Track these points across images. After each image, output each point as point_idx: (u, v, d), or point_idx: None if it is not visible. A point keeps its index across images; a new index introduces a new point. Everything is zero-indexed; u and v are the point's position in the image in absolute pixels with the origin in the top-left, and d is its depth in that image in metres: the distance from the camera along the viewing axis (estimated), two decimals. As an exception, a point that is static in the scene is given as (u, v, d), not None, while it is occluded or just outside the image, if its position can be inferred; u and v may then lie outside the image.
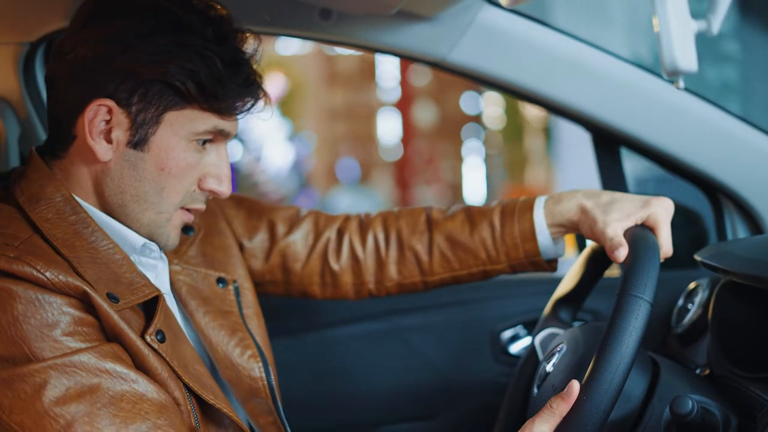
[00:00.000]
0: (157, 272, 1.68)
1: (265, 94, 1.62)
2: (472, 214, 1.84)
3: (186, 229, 1.76)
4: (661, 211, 1.61)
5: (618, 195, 1.68)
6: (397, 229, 1.89)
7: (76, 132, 1.55)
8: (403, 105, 11.31)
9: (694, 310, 1.82)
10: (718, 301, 1.67)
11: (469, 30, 1.93)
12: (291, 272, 1.93)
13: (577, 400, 1.39)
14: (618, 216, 1.62)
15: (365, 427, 2.18)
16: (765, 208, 2.11)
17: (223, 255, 1.84)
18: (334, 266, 1.91)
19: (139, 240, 1.60)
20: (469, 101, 11.19)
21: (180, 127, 1.54)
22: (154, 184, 1.56)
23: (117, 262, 1.55)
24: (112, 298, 1.49)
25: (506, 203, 1.80)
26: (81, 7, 1.57)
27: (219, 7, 1.58)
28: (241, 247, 1.92)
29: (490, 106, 11.07)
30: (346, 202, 10.05)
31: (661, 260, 1.55)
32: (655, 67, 1.90)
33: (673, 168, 2.06)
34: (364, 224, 1.93)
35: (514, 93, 2.00)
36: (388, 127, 11.43)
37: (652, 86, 1.99)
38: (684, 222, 2.14)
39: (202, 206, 1.62)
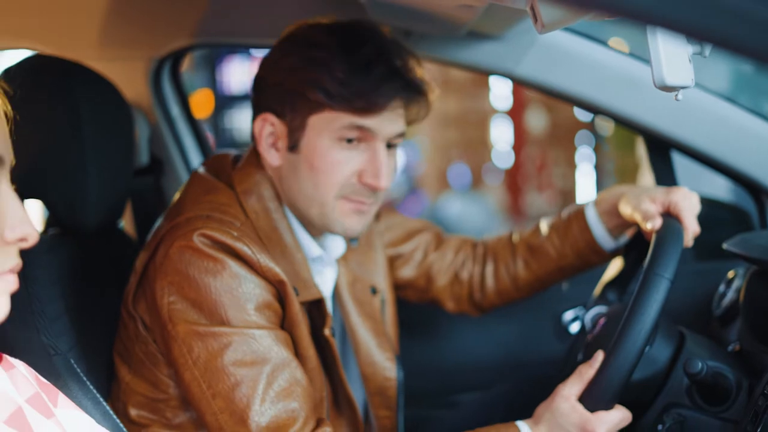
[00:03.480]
0: (324, 278, 1.93)
1: (413, 91, 1.79)
2: (541, 224, 2.10)
3: (351, 240, 2.00)
4: (681, 198, 1.81)
5: (649, 185, 1.93)
6: (504, 258, 2.14)
7: (255, 143, 1.84)
8: (516, 112, 11.28)
9: (730, 295, 2.01)
10: (748, 286, 1.86)
11: (533, 47, 2.17)
12: (433, 284, 2.18)
13: (602, 364, 1.63)
14: (649, 198, 1.84)
15: (435, 395, 2.42)
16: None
17: (374, 267, 2.08)
18: (466, 287, 2.16)
19: (316, 251, 1.86)
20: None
21: (321, 128, 1.77)
22: (309, 181, 1.79)
23: (298, 262, 1.81)
24: (295, 291, 1.75)
25: (567, 208, 2.05)
26: None
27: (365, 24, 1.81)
28: (394, 258, 2.16)
29: (603, 113, 10.93)
30: (457, 207, 10.08)
31: (691, 241, 1.79)
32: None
33: (720, 170, 2.24)
34: (486, 252, 2.18)
35: (574, 102, 2.22)
36: (501, 134, 11.42)
37: (698, 96, 2.17)
38: (733, 219, 2.32)
39: (365, 199, 1.82)
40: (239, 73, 7.73)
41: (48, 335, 1.66)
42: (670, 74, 1.25)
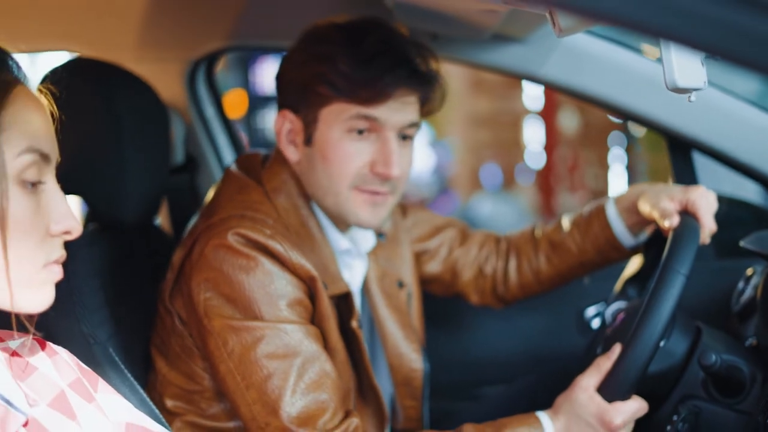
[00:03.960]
0: (353, 271, 1.99)
1: (421, 80, 1.84)
2: (563, 220, 2.15)
3: (379, 235, 2.07)
4: (699, 197, 1.85)
5: (668, 184, 1.95)
6: (527, 253, 2.19)
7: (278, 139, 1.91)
8: (548, 112, 11.26)
9: (748, 291, 2.05)
10: (765, 283, 1.90)
11: (556, 50, 2.22)
12: (458, 279, 2.23)
13: (620, 356, 1.68)
14: (667, 196, 1.88)
15: (460, 388, 2.48)
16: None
17: (401, 262, 2.14)
18: (489, 281, 2.22)
19: (344, 244, 1.92)
20: (614, 109, 11.01)
21: (332, 120, 1.83)
22: (323, 172, 1.85)
23: (327, 256, 1.87)
24: (324, 286, 1.81)
25: (588, 205, 2.10)
26: None
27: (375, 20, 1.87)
28: (420, 253, 2.22)
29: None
30: (488, 207, 10.09)
31: (707, 238, 1.84)
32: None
33: (739, 169, 2.28)
34: (509, 247, 2.23)
35: (596, 103, 2.27)
36: (533, 134, 11.40)
37: (717, 97, 2.21)
38: (752, 217, 2.36)
39: (378, 188, 1.87)
40: (272, 74, 7.80)
41: (88, 325, 1.73)
42: (681, 76, 1.28)
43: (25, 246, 1.13)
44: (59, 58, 2.60)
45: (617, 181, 11.09)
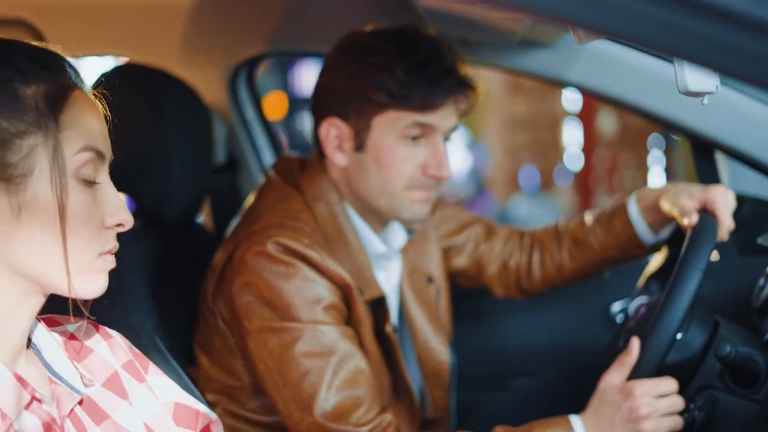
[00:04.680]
0: (389, 272, 2.06)
1: (465, 87, 1.91)
2: (586, 216, 2.22)
3: (409, 231, 2.12)
4: (717, 195, 1.89)
5: (689, 183, 2.00)
6: (550, 249, 2.26)
7: (321, 146, 1.96)
8: (586, 114, 11.22)
9: None
10: None
11: (582, 54, 2.28)
12: (483, 272, 2.30)
13: (640, 349, 1.75)
14: (687, 195, 1.93)
15: (486, 380, 2.55)
16: None
17: (429, 258, 2.21)
18: (513, 274, 2.28)
19: (380, 247, 1.99)
20: (653, 111, 10.91)
21: (386, 127, 1.89)
22: (378, 177, 1.91)
23: (363, 262, 1.94)
24: (360, 291, 1.89)
25: (611, 203, 2.16)
26: None
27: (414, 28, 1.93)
28: (448, 249, 2.28)
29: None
30: (525, 209, 10.09)
31: (726, 236, 1.89)
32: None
33: (761, 170, 2.33)
34: (533, 242, 2.29)
35: (621, 106, 2.33)
36: (571, 136, 11.36)
37: (738, 99, 2.26)
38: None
39: (431, 188, 1.94)
40: (312, 77, 7.93)
41: (135, 315, 1.82)
42: (693, 80, 1.30)
43: (83, 236, 1.21)
44: (106, 62, 2.73)
45: (655, 184, 11.03)
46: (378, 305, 1.95)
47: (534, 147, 11.64)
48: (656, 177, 10.91)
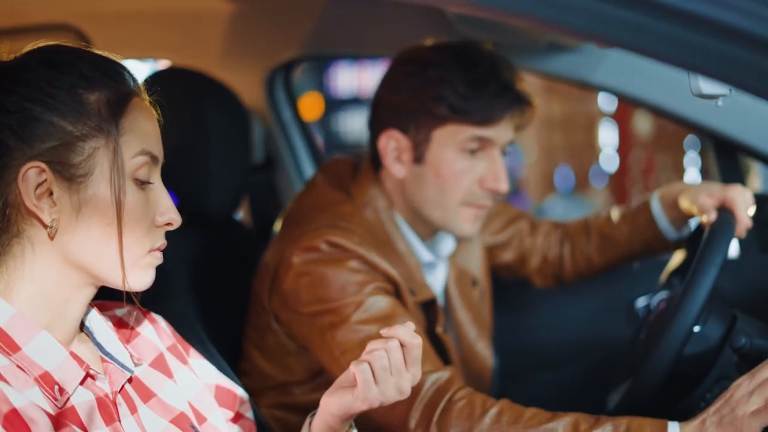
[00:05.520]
0: (435, 275, 2.12)
1: (524, 103, 1.97)
2: (612, 213, 2.28)
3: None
4: (736, 194, 1.93)
5: (709, 182, 2.07)
6: (580, 244, 2.34)
7: (379, 156, 2.01)
8: (622, 115, 11.16)
9: None
10: None
11: (607, 58, 2.36)
12: (526, 266, 2.38)
13: (656, 339, 1.82)
14: (706, 193, 1.97)
15: (513, 373, 2.61)
16: None
17: (474, 260, 2.26)
18: (551, 266, 2.37)
19: (427, 256, 2.04)
20: (690, 111, 10.83)
21: (446, 141, 1.94)
22: (435, 189, 1.96)
23: (413, 266, 2.00)
24: (411, 292, 1.95)
25: (636, 200, 2.21)
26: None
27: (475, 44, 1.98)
28: (494, 245, 2.35)
29: (711, 117, 10.68)
30: (560, 210, 10.06)
31: (743, 233, 1.94)
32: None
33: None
34: (565, 236, 2.37)
35: (645, 107, 2.40)
36: (606, 137, 11.30)
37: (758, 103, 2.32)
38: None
39: (486, 202, 1.99)
40: (347, 78, 8.02)
41: (177, 305, 1.90)
42: (705, 83, 1.35)
43: (136, 233, 1.30)
44: (146, 65, 2.86)
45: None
46: (429, 307, 2.00)
47: (569, 148, 11.56)
48: (692, 179, 10.85)
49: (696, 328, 1.82)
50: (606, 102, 11.04)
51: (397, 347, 1.36)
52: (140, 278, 1.34)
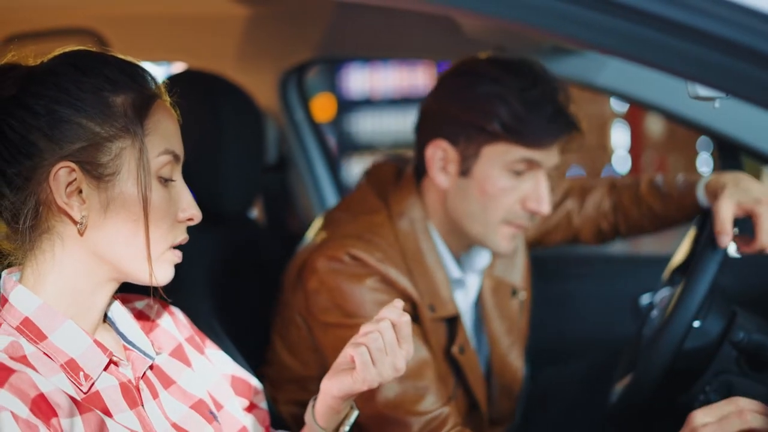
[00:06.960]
0: (466, 289, 2.10)
1: (575, 128, 1.92)
2: (661, 186, 2.23)
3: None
4: (765, 210, 1.85)
5: (746, 184, 1.90)
6: (632, 215, 2.29)
7: (424, 165, 2.00)
8: (634, 116, 11.13)
9: None
10: None
11: (610, 60, 2.41)
12: (578, 239, 2.36)
13: (656, 334, 1.87)
14: (731, 202, 1.86)
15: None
16: None
17: (514, 269, 2.24)
18: (600, 233, 2.34)
19: (456, 273, 2.03)
20: (702, 113, 10.76)
21: (495, 158, 1.89)
22: (478, 204, 1.94)
23: (439, 280, 1.99)
24: (431, 308, 1.95)
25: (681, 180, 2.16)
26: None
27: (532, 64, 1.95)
28: (541, 236, 2.33)
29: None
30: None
31: (755, 250, 1.91)
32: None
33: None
34: (617, 205, 2.31)
35: (650, 109, 2.44)
36: (619, 138, 11.28)
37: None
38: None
39: (525, 222, 1.95)
40: (359, 80, 8.08)
41: (193, 299, 1.95)
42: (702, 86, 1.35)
43: (160, 229, 1.36)
44: (162, 68, 2.92)
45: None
46: (451, 323, 2.01)
47: (581, 149, 11.51)
48: (705, 179, 10.74)
49: (696, 324, 1.87)
50: (618, 103, 11.00)
51: (389, 327, 1.45)
52: (163, 272, 1.39)
